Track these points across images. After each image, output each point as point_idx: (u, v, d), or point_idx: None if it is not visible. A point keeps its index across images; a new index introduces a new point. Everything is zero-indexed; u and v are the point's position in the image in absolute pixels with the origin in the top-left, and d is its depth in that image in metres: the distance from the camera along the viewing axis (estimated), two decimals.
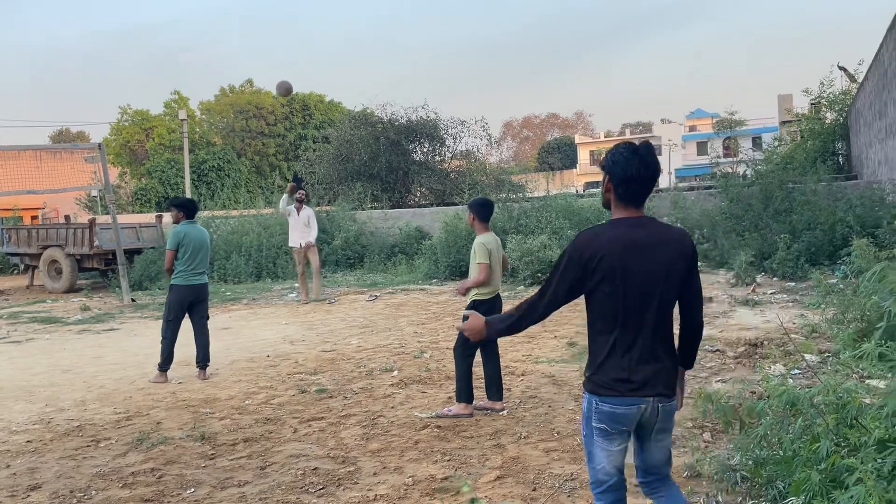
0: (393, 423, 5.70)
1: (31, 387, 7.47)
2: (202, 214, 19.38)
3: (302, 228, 12.64)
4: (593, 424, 2.82)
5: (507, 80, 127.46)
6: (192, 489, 4.56)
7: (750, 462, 3.97)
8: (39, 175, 26.25)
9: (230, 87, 51.24)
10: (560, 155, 71.02)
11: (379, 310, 11.66)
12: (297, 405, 6.36)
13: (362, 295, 13.44)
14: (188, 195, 30.83)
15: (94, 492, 4.59)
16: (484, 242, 5.73)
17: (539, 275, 13.16)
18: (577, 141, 72.51)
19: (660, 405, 2.79)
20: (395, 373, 7.32)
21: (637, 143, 2.85)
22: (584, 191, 37.29)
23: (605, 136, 73.41)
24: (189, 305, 7.65)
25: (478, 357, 5.95)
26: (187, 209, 7.73)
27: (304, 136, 46.73)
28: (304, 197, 12.82)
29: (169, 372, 7.52)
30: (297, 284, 14.00)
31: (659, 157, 2.85)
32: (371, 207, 22.02)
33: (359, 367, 7.67)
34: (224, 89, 51.07)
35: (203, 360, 7.61)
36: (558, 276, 2.81)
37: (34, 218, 32.16)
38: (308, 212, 12.74)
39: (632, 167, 2.76)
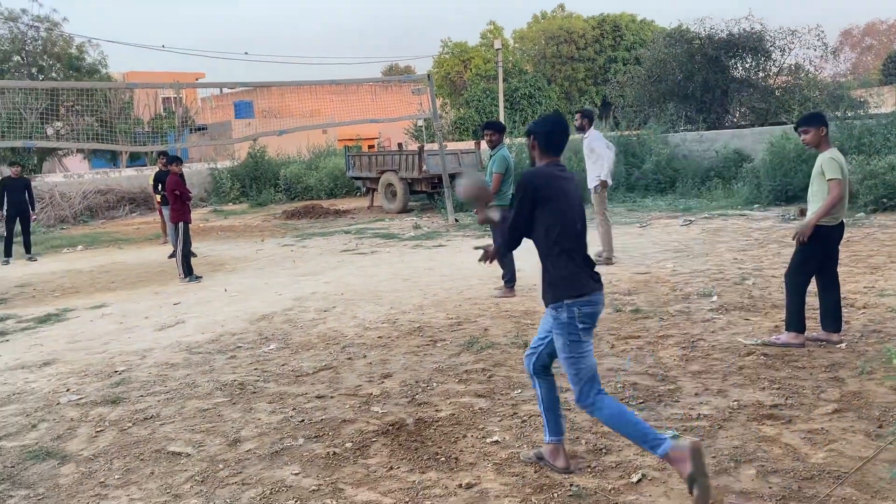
0: (714, 348, 5.55)
1: (378, 291, 8.55)
2: (516, 141, 20.11)
3: (588, 165, 9.36)
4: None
5: None
6: (519, 390, 4.92)
7: None
8: (374, 106, 29.12)
9: (542, 13, 51.70)
10: None
11: (694, 235, 11.23)
12: (612, 323, 6.47)
13: (674, 219, 13.04)
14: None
15: (435, 384, 5.17)
16: (834, 157, 5.18)
17: (884, 200, 11.63)
18: None
19: None
20: (715, 298, 7.06)
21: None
22: None
23: None
24: None
25: (812, 286, 5.51)
26: (503, 132, 8.08)
27: (613, 58, 45.66)
28: (579, 122, 9.24)
29: (478, 286, 8.08)
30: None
31: None
32: (684, 130, 20.99)
33: (674, 291, 7.53)
34: (536, 16, 51.70)
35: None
36: None
37: (370, 146, 36.02)
38: (590, 139, 9.22)
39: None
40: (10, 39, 30.21)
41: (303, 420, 4.64)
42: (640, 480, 3.52)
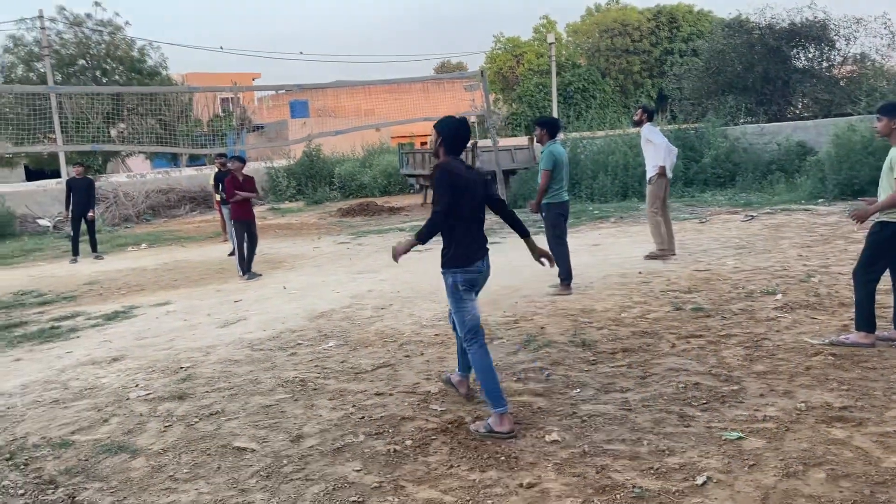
0: (779, 347, 5.42)
1: (433, 289, 8.57)
2: (570, 136, 19.92)
3: (645, 156, 9.40)
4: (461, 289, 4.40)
5: None
6: (578, 390, 4.88)
7: None
8: (427, 104, 29.25)
9: (596, 6, 51.10)
10: None
11: (756, 230, 10.97)
12: (672, 321, 6.37)
13: (735, 215, 12.75)
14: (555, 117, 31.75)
15: None
16: None
17: None
18: None
19: None
20: (779, 296, 6.88)
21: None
22: None
23: None
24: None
25: (884, 284, 5.33)
26: (552, 128, 7.99)
27: (670, 50, 44.85)
28: (639, 117, 9.25)
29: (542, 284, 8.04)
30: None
31: None
32: (744, 122, 20.52)
33: (736, 289, 7.37)
34: (590, 9, 51.12)
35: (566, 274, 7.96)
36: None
37: (423, 143, 36.16)
38: (646, 130, 9.16)
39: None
40: (75, 44, 31.27)
41: (363, 417, 4.70)
42: (704, 483, 3.46)
